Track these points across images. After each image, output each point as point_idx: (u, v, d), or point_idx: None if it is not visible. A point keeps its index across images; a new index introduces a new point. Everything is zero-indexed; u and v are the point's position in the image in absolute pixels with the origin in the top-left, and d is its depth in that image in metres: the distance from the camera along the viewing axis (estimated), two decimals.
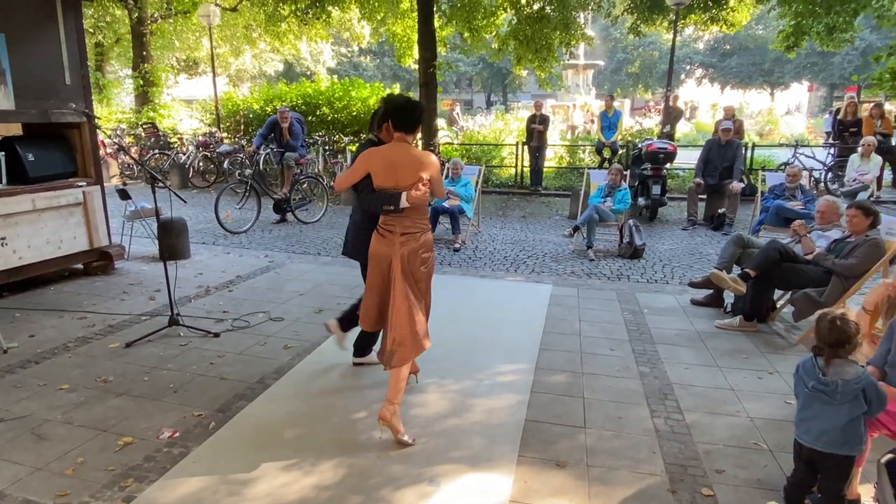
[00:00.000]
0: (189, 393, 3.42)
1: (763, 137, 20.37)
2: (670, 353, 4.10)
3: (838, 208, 4.85)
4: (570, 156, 14.00)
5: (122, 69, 23.36)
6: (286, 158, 8.94)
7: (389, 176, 2.95)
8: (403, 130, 2.98)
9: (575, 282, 5.90)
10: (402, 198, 2.91)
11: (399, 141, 2.99)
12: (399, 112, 2.99)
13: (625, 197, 7.50)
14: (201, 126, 16.67)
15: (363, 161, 3.01)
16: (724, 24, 14.32)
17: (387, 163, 2.95)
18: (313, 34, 16.59)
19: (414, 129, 3.03)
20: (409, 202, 2.92)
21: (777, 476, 2.66)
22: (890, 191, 11.12)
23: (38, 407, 3.23)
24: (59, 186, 5.42)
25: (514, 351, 4.06)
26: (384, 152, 2.99)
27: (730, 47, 40.83)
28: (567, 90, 26.18)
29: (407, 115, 2.98)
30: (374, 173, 2.99)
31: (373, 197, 3.01)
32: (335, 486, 2.57)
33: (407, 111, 2.99)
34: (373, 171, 2.99)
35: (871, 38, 30.01)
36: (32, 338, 4.23)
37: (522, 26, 12.94)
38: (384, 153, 2.98)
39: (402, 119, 2.98)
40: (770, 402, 3.38)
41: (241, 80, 30.98)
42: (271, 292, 5.35)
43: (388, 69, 40.23)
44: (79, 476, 2.61)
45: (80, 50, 5.60)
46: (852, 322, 2.22)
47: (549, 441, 2.95)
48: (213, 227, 8.15)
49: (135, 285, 5.54)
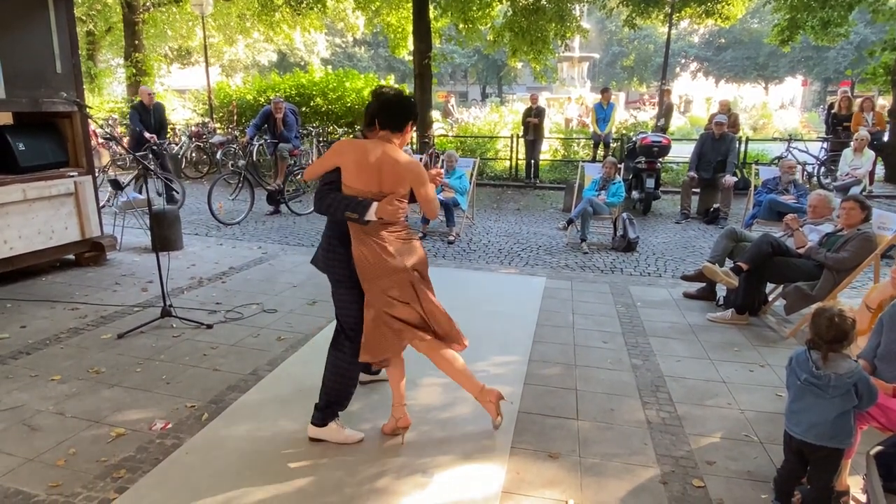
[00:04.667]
0: (182, 384, 3.41)
1: (757, 131, 20.43)
2: (663, 345, 4.12)
3: (830, 202, 4.87)
4: (564, 149, 14.00)
5: (113, 58, 23.13)
6: (280, 149, 8.90)
7: (361, 176, 2.51)
8: (388, 128, 2.58)
9: (568, 274, 5.91)
10: (371, 209, 2.47)
11: (383, 139, 2.58)
12: (386, 107, 2.59)
13: (619, 190, 7.51)
14: (194, 116, 16.55)
15: (335, 152, 2.59)
16: (719, 17, 14.33)
17: (362, 160, 2.51)
18: (307, 24, 16.49)
19: (401, 127, 2.61)
20: (376, 216, 2.48)
21: (767, 468, 2.68)
22: (882, 186, 11.18)
23: (29, 398, 3.22)
24: (50, 176, 5.38)
25: (508, 343, 4.07)
26: (361, 147, 2.54)
27: (724, 41, 40.81)
28: (562, 83, 26.11)
29: (393, 111, 2.59)
30: (343, 168, 2.54)
31: (335, 198, 2.52)
32: (328, 477, 2.57)
33: (393, 106, 2.60)
34: (343, 165, 2.54)
35: (865, 33, 30.05)
36: (24, 328, 4.20)
37: (518, 18, 12.90)
38: (361, 148, 2.54)
39: (387, 114, 2.59)
40: (761, 395, 3.41)
41: (235, 70, 30.74)
42: (264, 284, 5.33)
43: (383, 60, 40.01)
44: (71, 467, 2.61)
45: (72, 38, 5.53)
46: (849, 318, 2.23)
47: (542, 432, 2.97)
48: (206, 218, 8.11)
49: (127, 276, 5.51)
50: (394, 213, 2.52)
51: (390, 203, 2.50)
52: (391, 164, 2.52)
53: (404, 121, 2.63)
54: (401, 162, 2.54)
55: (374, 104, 2.63)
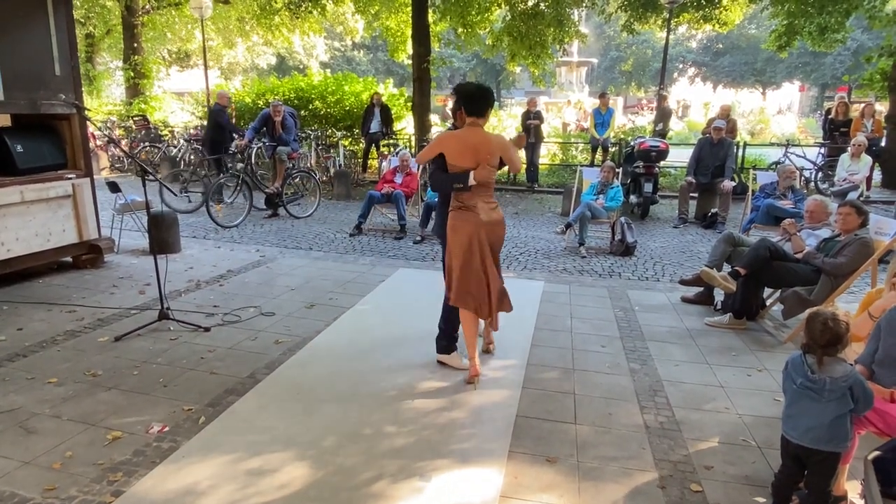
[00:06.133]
0: (179, 387, 3.40)
1: (754, 137, 20.49)
2: (660, 350, 4.12)
3: (827, 207, 4.88)
4: (563, 153, 14.02)
5: (112, 61, 23.15)
6: (278, 152, 8.91)
7: (464, 157, 3.27)
8: (475, 115, 3.29)
9: (567, 279, 5.91)
10: (471, 176, 3.24)
11: (472, 125, 3.30)
12: (469, 98, 3.30)
13: (617, 194, 7.52)
14: (192, 119, 16.56)
15: (438, 142, 3.38)
16: (717, 22, 14.39)
17: (462, 145, 3.28)
18: (306, 27, 16.53)
19: (484, 113, 3.31)
20: (476, 180, 3.26)
21: (765, 472, 2.68)
22: (879, 191, 11.21)
23: (25, 401, 3.20)
24: (48, 178, 5.37)
25: (506, 347, 4.06)
26: (459, 135, 3.32)
27: (722, 46, 41.00)
28: (560, 87, 26.21)
29: (476, 101, 3.29)
30: (447, 154, 3.31)
31: (444, 177, 3.36)
32: (325, 481, 2.57)
33: (476, 97, 3.29)
34: (447, 152, 3.31)
35: (862, 39, 30.22)
36: (20, 331, 4.19)
37: (516, 22, 12.94)
38: (459, 136, 3.31)
39: (472, 105, 3.28)
40: (759, 399, 3.41)
41: (233, 73, 30.78)
42: (262, 287, 5.33)
43: (382, 64, 40.09)
44: (67, 470, 2.60)
45: (71, 41, 5.53)
46: (843, 322, 2.24)
47: (540, 437, 2.96)
48: (204, 221, 8.10)
49: (124, 279, 5.50)
50: (488, 176, 3.32)
51: (484, 169, 3.30)
52: (484, 143, 3.30)
53: (487, 107, 3.32)
54: (490, 140, 3.33)
55: (460, 96, 3.35)
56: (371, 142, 12.44)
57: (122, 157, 13.73)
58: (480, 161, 3.28)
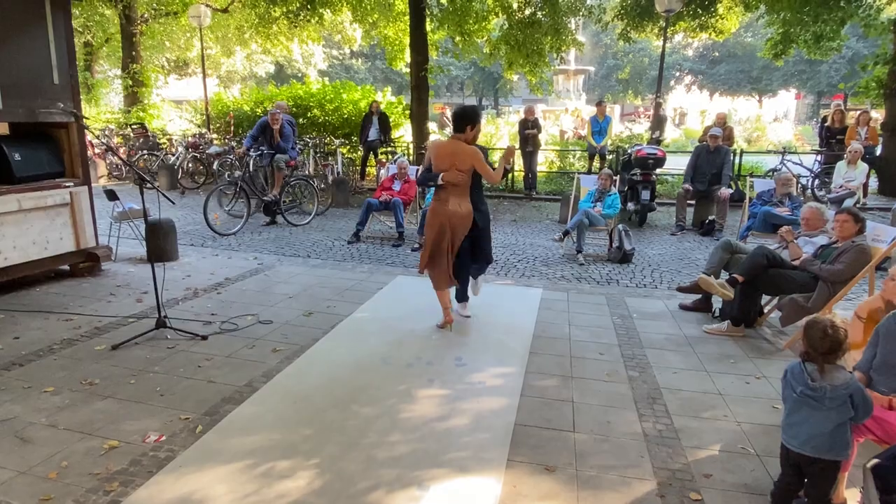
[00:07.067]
0: (176, 396, 3.39)
1: (751, 144, 20.57)
2: (659, 357, 4.12)
3: (823, 214, 4.90)
4: (560, 160, 14.06)
5: (111, 69, 23.17)
6: (276, 160, 8.90)
7: (442, 161, 4.20)
8: (456, 131, 4.25)
9: (565, 286, 5.91)
10: (439, 178, 4.18)
11: (454, 138, 4.25)
12: (453, 117, 4.31)
13: (614, 202, 7.54)
14: (191, 127, 16.57)
15: (428, 149, 4.47)
16: (713, 31, 14.47)
17: (442, 152, 4.24)
18: (305, 36, 16.56)
19: (462, 129, 4.20)
20: (444, 180, 4.18)
21: (764, 480, 2.68)
22: (876, 198, 11.25)
23: (22, 409, 3.19)
24: (45, 187, 5.36)
25: (504, 354, 4.06)
26: (442, 144, 4.38)
27: (718, 54, 41.22)
28: (557, 95, 26.27)
29: (456, 121, 4.26)
30: (433, 158, 4.28)
31: (424, 175, 4.35)
32: (322, 490, 2.55)
33: (456, 117, 4.26)
34: (432, 156, 4.30)
35: (857, 47, 30.41)
36: (17, 339, 4.17)
37: (514, 31, 12.98)
38: (442, 145, 4.36)
39: (454, 123, 4.28)
40: (757, 407, 3.41)
41: (232, 81, 30.85)
42: (260, 295, 5.32)
43: (380, 72, 40.21)
44: (63, 480, 2.58)
45: (69, 49, 5.54)
46: (842, 329, 2.24)
47: (538, 445, 2.95)
48: (202, 229, 8.10)
49: (122, 287, 5.49)
50: (456, 178, 4.18)
51: (451, 173, 4.18)
52: (458, 153, 4.19)
53: (464, 125, 4.21)
54: (464, 151, 4.18)
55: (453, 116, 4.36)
56: (369, 149, 12.46)
57: (120, 165, 13.71)
58: (452, 166, 4.17)
